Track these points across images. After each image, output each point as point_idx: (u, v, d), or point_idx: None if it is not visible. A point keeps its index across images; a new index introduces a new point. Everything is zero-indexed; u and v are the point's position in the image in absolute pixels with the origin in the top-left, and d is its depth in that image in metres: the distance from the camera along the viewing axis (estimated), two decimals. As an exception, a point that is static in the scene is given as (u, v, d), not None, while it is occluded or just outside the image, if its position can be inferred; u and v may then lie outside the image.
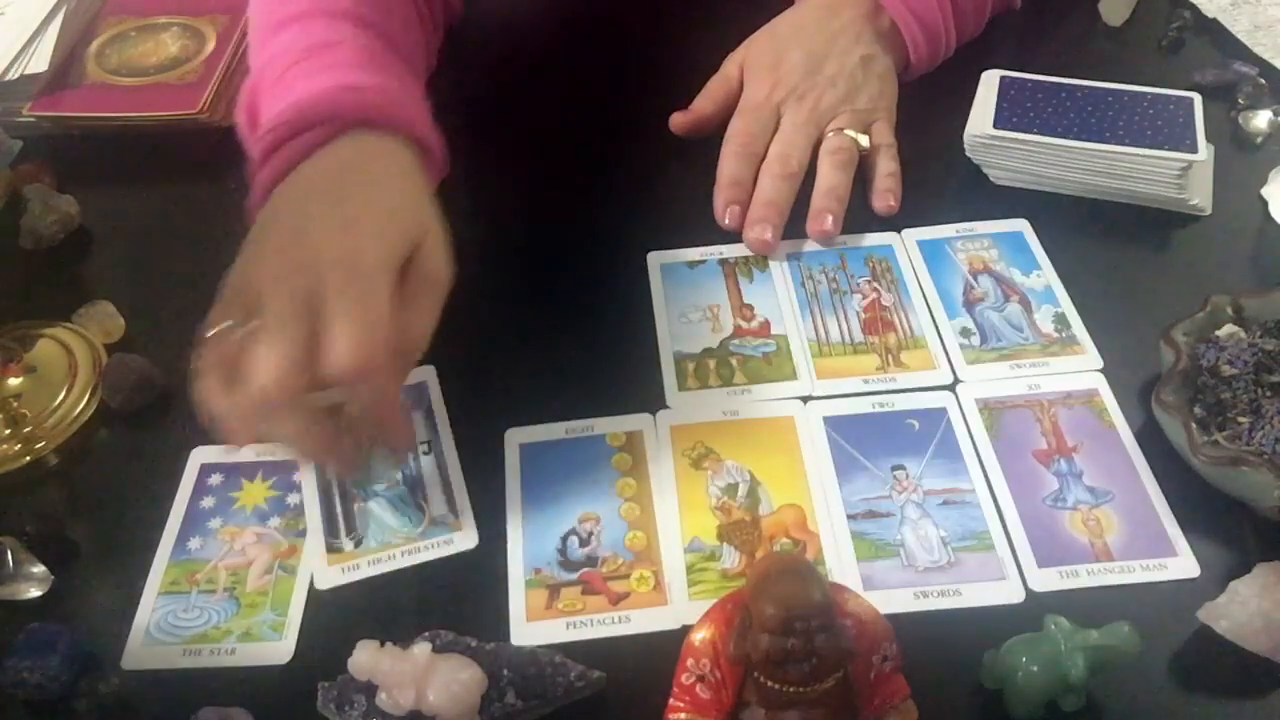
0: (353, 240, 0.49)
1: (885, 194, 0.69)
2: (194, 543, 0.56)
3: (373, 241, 0.49)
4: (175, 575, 0.55)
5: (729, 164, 0.70)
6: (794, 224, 0.69)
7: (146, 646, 0.52)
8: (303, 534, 0.56)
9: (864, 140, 0.70)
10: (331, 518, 0.56)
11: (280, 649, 0.52)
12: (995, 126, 0.69)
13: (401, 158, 0.56)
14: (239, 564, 0.55)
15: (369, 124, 0.55)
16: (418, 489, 0.57)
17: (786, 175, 0.68)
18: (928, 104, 0.75)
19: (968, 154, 0.71)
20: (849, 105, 0.71)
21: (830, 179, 0.68)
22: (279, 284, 0.48)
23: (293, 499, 0.58)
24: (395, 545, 0.55)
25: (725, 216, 0.69)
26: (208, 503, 0.58)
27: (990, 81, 0.73)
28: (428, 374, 0.62)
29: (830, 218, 0.68)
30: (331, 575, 0.54)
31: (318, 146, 0.54)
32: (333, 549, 0.55)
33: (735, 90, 0.73)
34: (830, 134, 0.70)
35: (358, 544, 0.55)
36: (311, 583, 0.54)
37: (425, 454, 0.59)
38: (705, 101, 0.74)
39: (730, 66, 0.74)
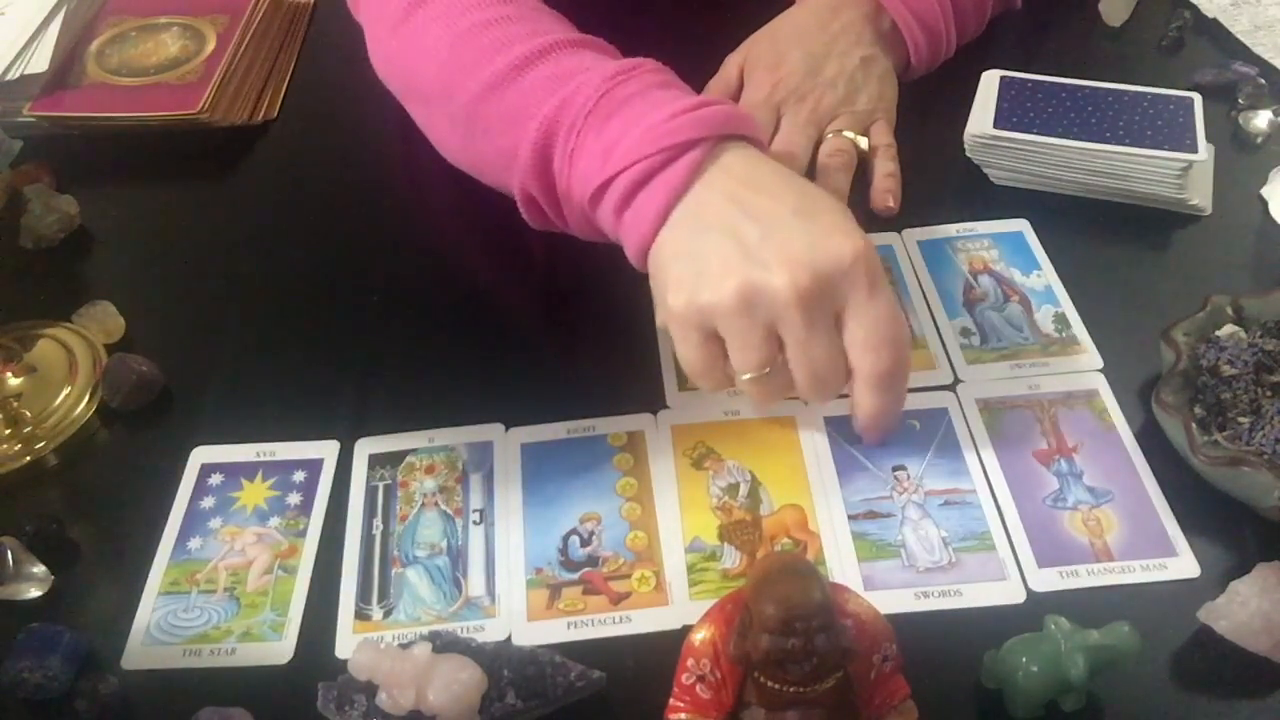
0: (844, 239, 0.51)
1: (885, 194, 0.69)
2: (194, 543, 0.56)
3: (855, 233, 0.52)
4: (175, 575, 0.55)
5: None
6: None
7: (146, 646, 0.52)
8: (303, 534, 0.56)
9: (863, 141, 0.70)
10: (366, 582, 0.54)
11: (280, 649, 0.52)
12: (995, 126, 0.69)
13: (765, 155, 0.56)
14: (239, 564, 0.55)
15: (736, 135, 0.55)
16: (459, 562, 0.55)
17: None
18: (928, 104, 0.75)
19: (968, 154, 0.71)
20: (849, 106, 0.71)
21: (830, 181, 0.68)
22: (795, 299, 0.50)
23: (293, 499, 0.58)
24: (424, 622, 0.52)
25: None
26: (208, 503, 0.58)
27: (990, 81, 0.73)
28: (495, 433, 0.60)
29: None
30: (354, 644, 0.48)
31: (697, 164, 0.53)
32: (361, 615, 0.53)
33: (735, 90, 0.73)
34: (830, 135, 0.70)
35: (387, 614, 0.53)
36: (311, 584, 0.54)
37: (476, 524, 0.56)
38: None
39: (730, 67, 0.74)
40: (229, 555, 0.56)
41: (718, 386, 0.55)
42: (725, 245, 0.51)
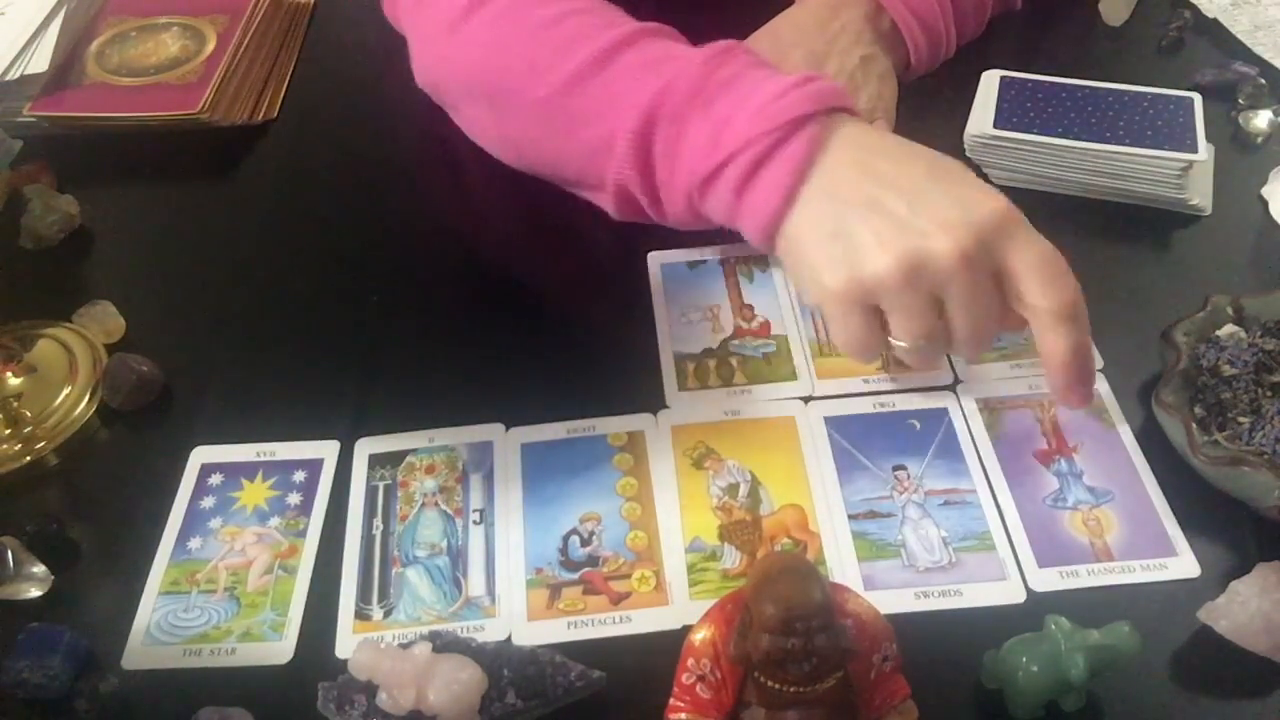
0: (986, 197, 0.51)
1: None
2: (194, 543, 0.56)
3: (991, 188, 0.52)
4: (175, 575, 0.55)
5: None
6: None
7: (147, 646, 0.52)
8: (303, 534, 0.56)
9: None
10: (366, 582, 0.54)
11: (280, 649, 0.52)
12: (995, 126, 0.69)
13: (872, 126, 0.56)
14: (239, 564, 0.55)
15: (843, 109, 0.55)
16: (459, 562, 0.55)
17: None
18: (928, 104, 0.75)
19: (968, 154, 0.71)
20: None
21: None
22: (962, 262, 0.50)
23: (293, 499, 0.58)
24: (425, 622, 0.52)
25: None
26: (208, 503, 0.58)
27: (990, 81, 0.73)
28: (495, 433, 0.60)
29: None
30: (354, 644, 0.48)
31: (817, 139, 0.53)
32: (361, 615, 0.53)
33: None
34: None
35: (387, 613, 0.53)
36: (311, 584, 0.54)
37: (476, 523, 0.56)
38: None
39: None
40: (229, 555, 0.56)
41: (875, 359, 0.54)
42: (874, 219, 0.51)
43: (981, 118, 0.70)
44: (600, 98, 0.58)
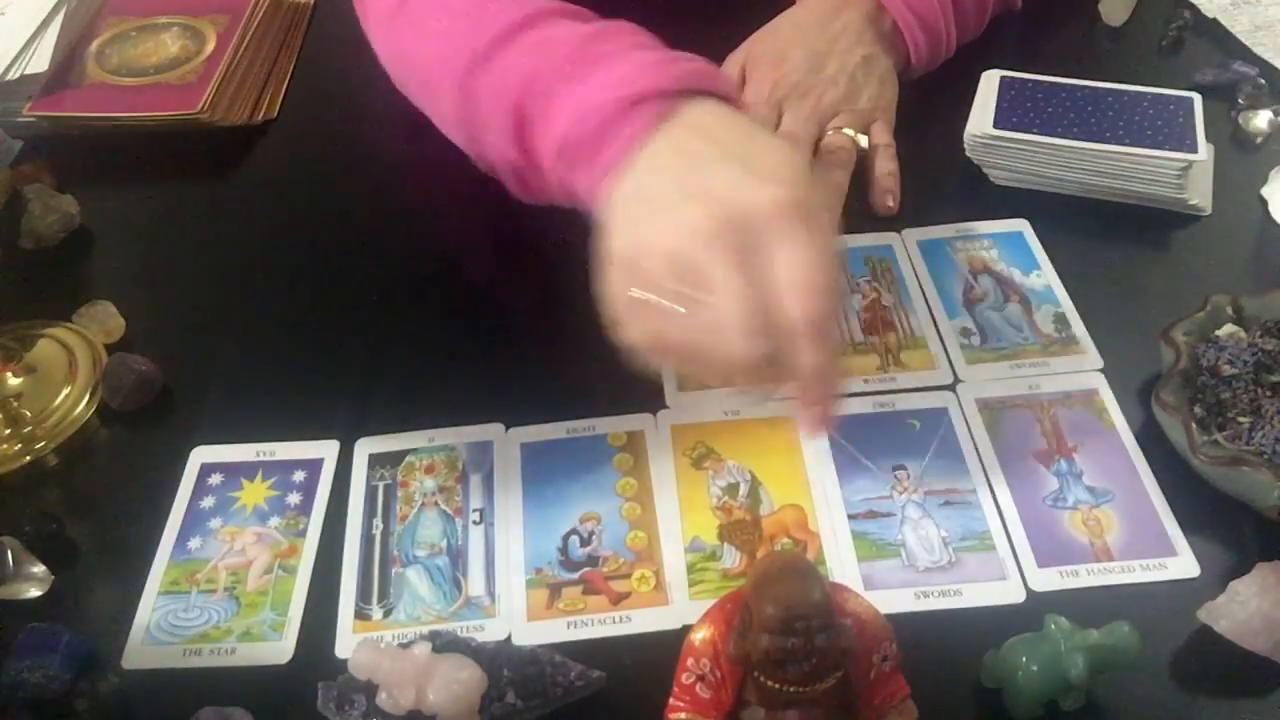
0: (774, 185, 0.47)
1: (885, 194, 0.69)
2: (194, 542, 0.56)
3: (796, 182, 0.48)
4: (175, 575, 0.55)
5: None
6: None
7: (147, 646, 0.52)
8: (303, 533, 0.56)
9: (863, 140, 0.70)
10: (366, 581, 0.54)
11: (280, 649, 0.52)
12: (995, 126, 0.69)
13: (734, 111, 0.53)
14: (239, 564, 0.55)
15: (696, 92, 0.52)
16: (459, 561, 0.55)
17: None
18: (928, 104, 0.75)
19: (968, 154, 0.71)
20: (850, 105, 0.71)
21: (830, 176, 0.68)
22: (713, 241, 0.46)
23: (293, 499, 0.58)
24: (425, 622, 0.52)
25: None
26: (208, 503, 0.58)
27: (990, 81, 0.73)
28: (495, 433, 0.60)
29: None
30: (354, 644, 0.48)
31: (657, 119, 0.51)
32: (361, 615, 0.53)
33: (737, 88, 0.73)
34: (830, 132, 0.70)
35: (387, 613, 0.53)
36: (311, 584, 0.54)
37: (476, 523, 0.56)
38: None
39: (732, 64, 0.74)
40: (229, 555, 0.56)
41: (643, 335, 0.50)
42: (661, 186, 0.49)
43: (981, 118, 0.70)
44: (496, 79, 0.57)
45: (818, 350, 0.47)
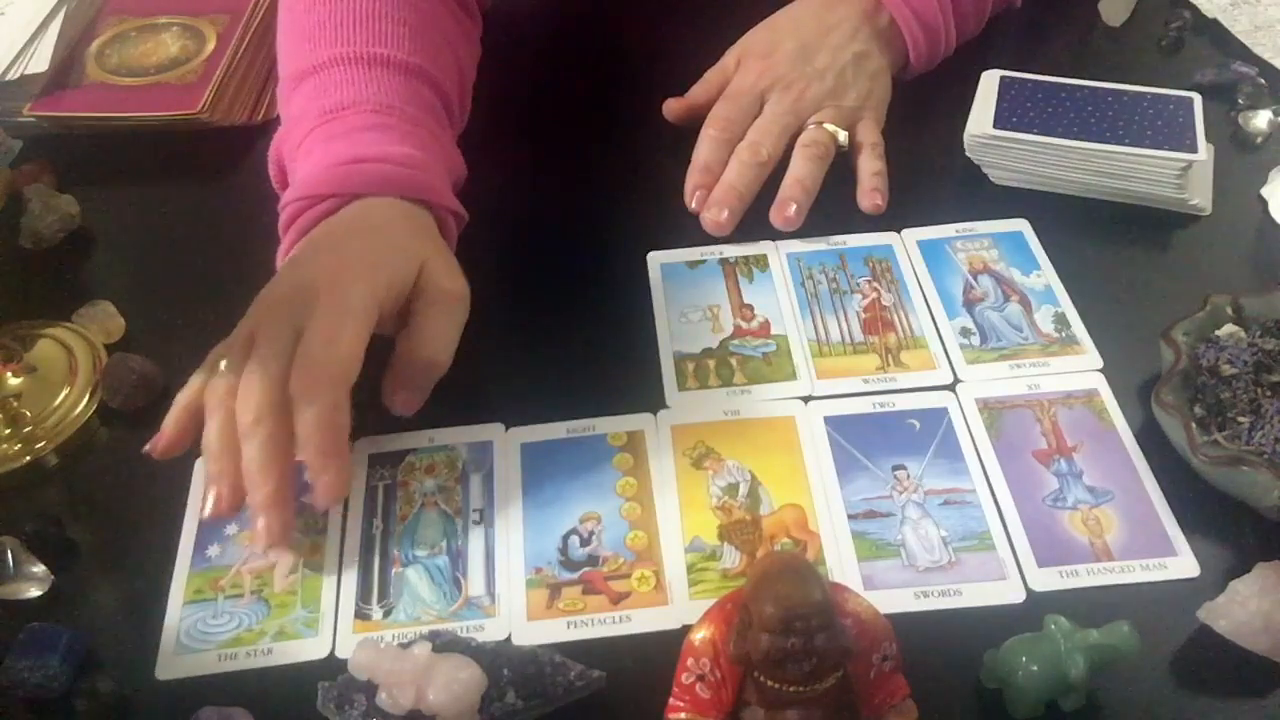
0: (340, 275, 0.54)
1: (872, 193, 0.69)
2: (213, 550, 0.56)
3: (360, 274, 0.54)
4: (199, 584, 0.55)
5: (704, 148, 0.70)
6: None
7: (180, 655, 0.52)
8: (323, 531, 0.56)
9: (843, 136, 0.70)
10: (366, 581, 0.54)
11: (318, 644, 0.52)
12: (995, 126, 0.69)
13: (403, 208, 0.59)
14: (262, 567, 0.55)
15: (376, 194, 0.59)
16: (459, 561, 0.55)
17: (755, 163, 0.68)
18: (928, 104, 0.75)
19: (968, 154, 0.71)
20: (835, 101, 0.71)
21: (799, 169, 0.68)
22: (272, 311, 0.54)
23: (307, 499, 0.57)
24: (425, 622, 0.53)
25: (692, 200, 0.69)
26: None
27: (990, 81, 0.73)
28: (495, 433, 0.60)
29: (794, 206, 0.67)
30: (354, 644, 0.48)
31: (330, 213, 0.59)
32: (361, 615, 0.53)
33: (731, 80, 0.73)
34: (810, 126, 0.70)
35: (387, 613, 0.53)
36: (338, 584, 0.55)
37: (476, 523, 0.56)
38: (700, 90, 0.75)
39: (729, 57, 0.74)
40: (251, 559, 0.56)
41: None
42: (288, 265, 0.58)
43: (981, 118, 0.70)
44: (288, 113, 0.66)
45: (297, 413, 0.51)
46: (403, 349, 0.56)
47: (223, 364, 0.53)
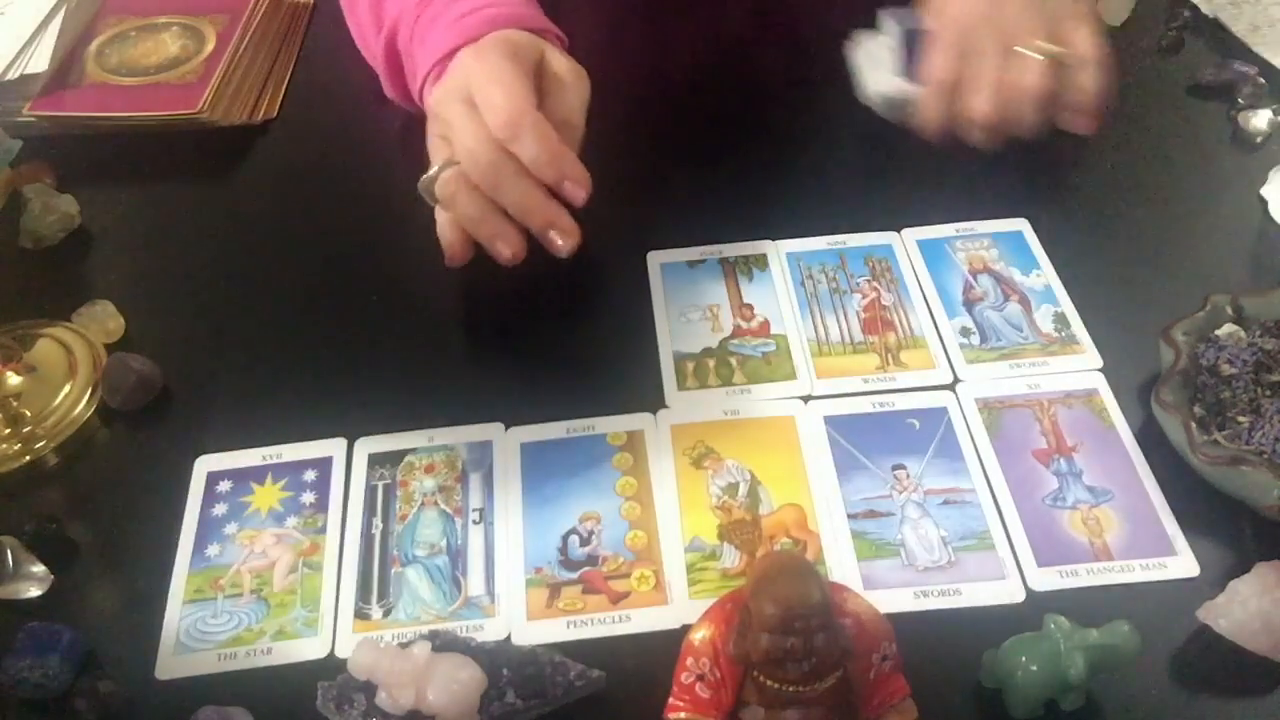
0: (478, 54, 0.63)
1: (1075, 115, 0.66)
2: (212, 549, 0.56)
3: (491, 48, 0.62)
4: (198, 583, 0.55)
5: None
6: (794, 224, 0.69)
7: (179, 655, 0.52)
8: (323, 530, 0.56)
9: (1058, 50, 0.65)
10: (366, 581, 0.54)
11: (317, 644, 0.52)
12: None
13: (514, 33, 0.64)
14: (262, 566, 0.55)
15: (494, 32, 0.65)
16: (459, 561, 0.55)
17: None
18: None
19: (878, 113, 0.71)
20: (1034, 14, 0.66)
21: (1019, 116, 0.65)
22: (446, 105, 0.62)
23: (307, 498, 0.58)
24: (424, 622, 0.53)
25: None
26: (220, 509, 0.58)
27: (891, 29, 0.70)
28: (495, 432, 0.60)
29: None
30: (354, 644, 0.48)
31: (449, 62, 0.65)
32: (360, 614, 0.53)
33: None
34: (1018, 51, 0.65)
35: (386, 613, 0.53)
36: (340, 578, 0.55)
37: (475, 523, 0.57)
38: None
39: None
40: (250, 558, 0.56)
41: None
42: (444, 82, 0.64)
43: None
44: (364, 19, 0.73)
45: (518, 147, 0.59)
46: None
47: (437, 165, 0.62)
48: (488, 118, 0.59)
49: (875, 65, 0.71)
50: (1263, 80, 0.76)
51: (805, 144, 0.76)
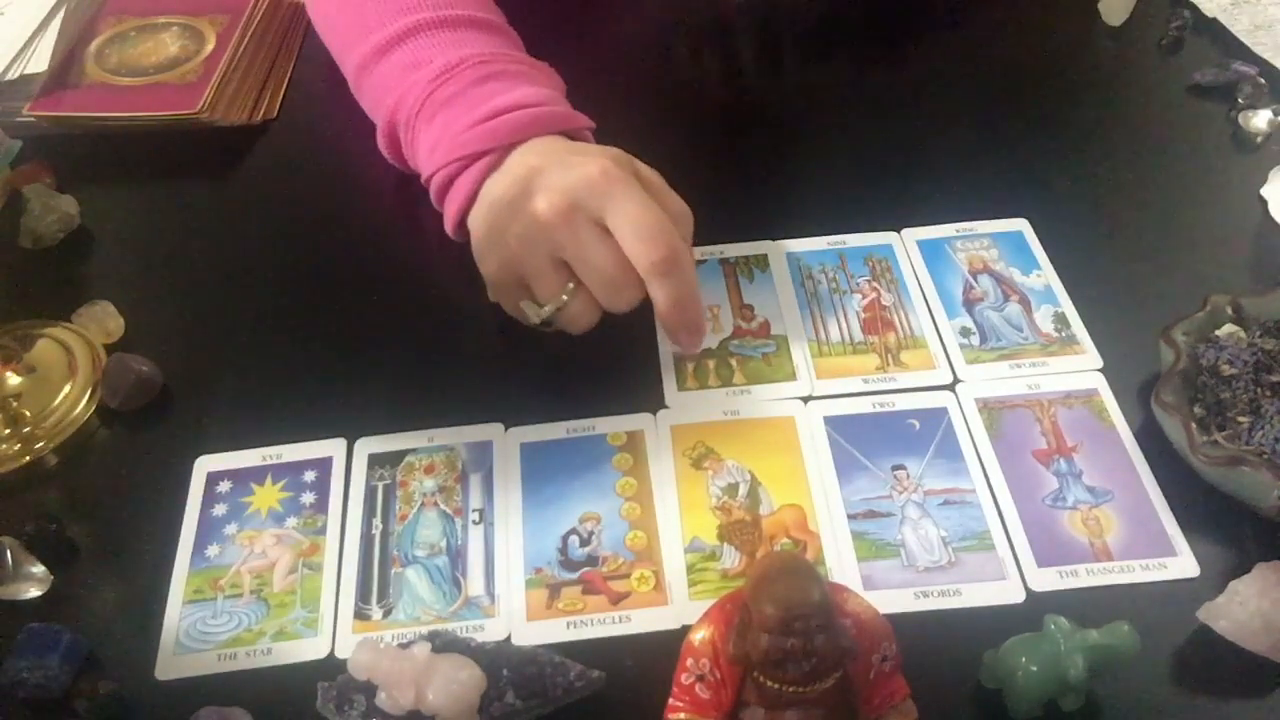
0: (587, 161, 0.57)
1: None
2: (212, 550, 0.56)
3: (605, 156, 0.57)
4: (198, 584, 0.55)
5: None
6: (794, 224, 0.69)
7: (179, 655, 0.52)
8: (323, 530, 0.56)
9: None
10: (366, 581, 0.54)
11: (317, 645, 0.52)
12: None
13: (559, 139, 0.61)
14: (262, 566, 0.55)
15: (529, 138, 0.60)
16: (459, 561, 0.55)
17: None
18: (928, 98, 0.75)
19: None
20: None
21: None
22: (555, 219, 0.56)
23: (307, 498, 0.58)
24: (424, 622, 0.53)
25: None
26: (220, 510, 0.58)
27: None
28: (495, 432, 0.60)
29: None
30: (353, 644, 0.48)
31: (492, 168, 0.60)
32: (360, 615, 0.53)
33: None
34: None
35: (386, 613, 0.53)
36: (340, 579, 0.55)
37: (475, 523, 0.57)
38: None
39: None
40: (250, 559, 0.56)
41: (515, 311, 0.61)
42: (500, 206, 0.58)
43: None
44: (374, 87, 0.67)
45: (668, 285, 0.56)
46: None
47: (549, 293, 0.58)
48: (639, 246, 0.55)
49: None
50: (1263, 80, 0.76)
51: (805, 144, 0.76)
